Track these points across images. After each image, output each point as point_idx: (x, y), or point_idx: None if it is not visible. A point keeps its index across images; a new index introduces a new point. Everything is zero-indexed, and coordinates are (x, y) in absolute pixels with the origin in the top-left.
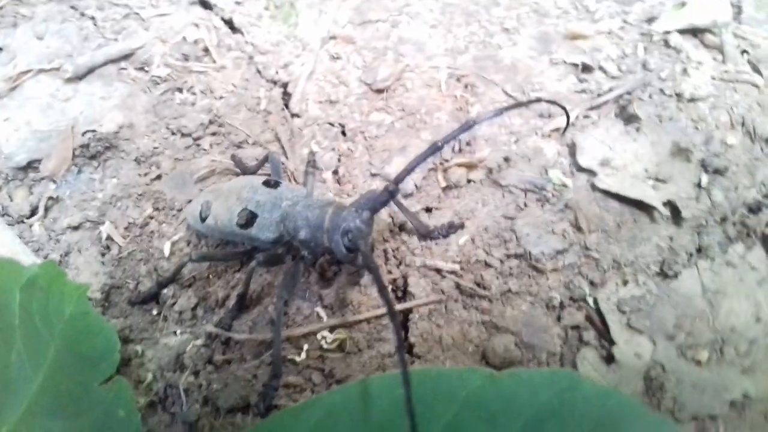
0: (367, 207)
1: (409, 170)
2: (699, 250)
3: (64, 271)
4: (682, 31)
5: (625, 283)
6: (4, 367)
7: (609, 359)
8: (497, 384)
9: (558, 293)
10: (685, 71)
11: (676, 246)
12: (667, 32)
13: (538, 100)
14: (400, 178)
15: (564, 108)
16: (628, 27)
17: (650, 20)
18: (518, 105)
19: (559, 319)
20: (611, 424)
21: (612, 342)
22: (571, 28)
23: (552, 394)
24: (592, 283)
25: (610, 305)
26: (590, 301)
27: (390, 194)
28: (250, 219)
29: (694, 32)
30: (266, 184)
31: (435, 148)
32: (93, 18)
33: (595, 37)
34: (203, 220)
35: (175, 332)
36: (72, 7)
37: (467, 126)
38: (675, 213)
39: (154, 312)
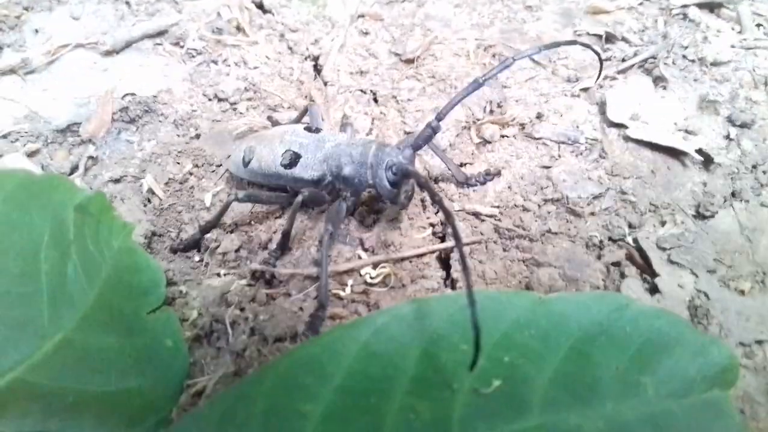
0: (409, 144)
1: (450, 106)
2: (733, 194)
3: (112, 205)
4: (699, 5)
5: (663, 223)
6: (61, 276)
7: (653, 290)
8: (546, 305)
9: (598, 233)
10: (705, 39)
11: (710, 190)
12: (685, 6)
13: (574, 42)
14: (441, 115)
15: (597, 53)
16: (647, 3)
17: None
18: (555, 45)
19: (599, 257)
20: (660, 342)
21: (654, 274)
22: (593, 3)
23: (601, 314)
24: (630, 225)
25: (650, 243)
26: (629, 240)
27: (432, 130)
28: (294, 159)
29: (711, 7)
30: (308, 129)
31: (476, 85)
32: (127, 2)
33: (616, 12)
34: (246, 164)
35: (218, 274)
36: None
37: (507, 63)
38: (707, 161)
39: (197, 258)
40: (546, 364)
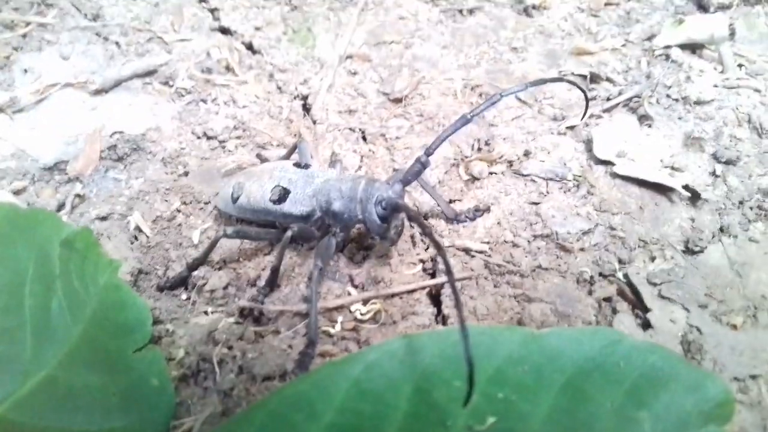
0: (399, 179)
1: (439, 141)
2: (721, 230)
3: (98, 241)
4: (681, 46)
5: (653, 259)
6: (46, 311)
7: (645, 325)
8: (538, 340)
9: (588, 268)
10: (688, 78)
11: (698, 225)
12: (668, 47)
13: (560, 79)
14: (430, 150)
15: (583, 90)
16: (630, 44)
17: (650, 38)
18: (542, 82)
19: (590, 292)
20: (654, 377)
21: (646, 309)
22: (577, 44)
23: (594, 349)
24: (620, 261)
25: (640, 279)
26: (620, 275)
27: (421, 165)
28: (283, 195)
29: (693, 48)
30: (297, 165)
31: (464, 120)
32: (117, 43)
33: (600, 53)
34: (235, 201)
35: (206, 312)
36: (96, 34)
37: (494, 99)
38: (694, 197)
39: (184, 297)
40: (540, 400)
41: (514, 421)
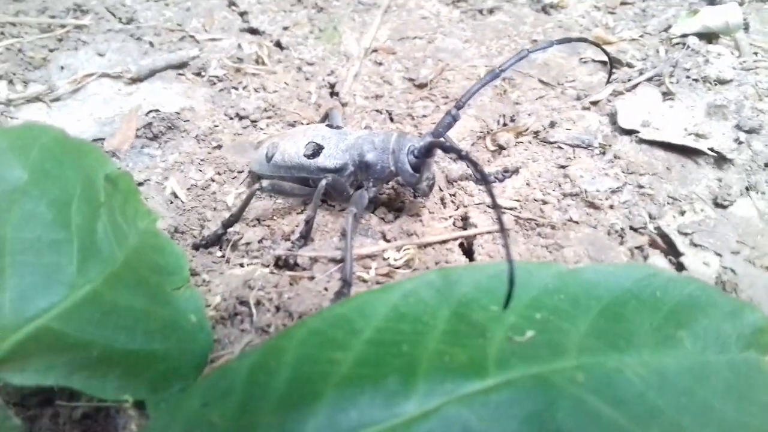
0: (430, 132)
1: (469, 94)
2: (747, 189)
3: (138, 189)
4: (697, 35)
5: (683, 213)
6: (91, 232)
7: (679, 268)
8: (574, 273)
9: (619, 221)
10: (707, 61)
11: (725, 184)
12: (684, 35)
13: (585, 39)
14: (461, 103)
15: (606, 52)
16: (648, 36)
17: (667, 29)
18: (567, 40)
19: (622, 243)
20: (693, 304)
21: (679, 254)
22: (596, 34)
23: (631, 280)
24: (650, 215)
25: (671, 230)
26: (651, 228)
27: (452, 118)
28: (317, 150)
29: (709, 37)
30: (329, 126)
31: (494, 74)
32: (150, 42)
33: (619, 43)
34: (269, 160)
35: (241, 264)
36: (131, 35)
37: (522, 54)
38: (720, 159)
39: (219, 254)
40: (578, 321)
41: (553, 334)
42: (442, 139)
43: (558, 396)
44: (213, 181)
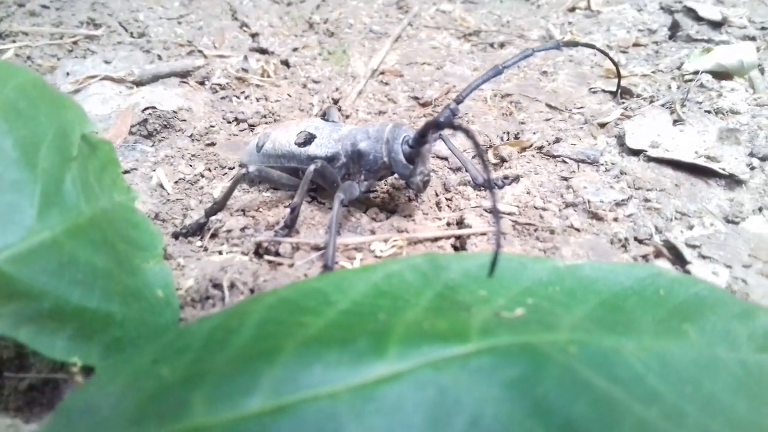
0: (427, 122)
1: (470, 89)
2: (761, 209)
3: (119, 162)
4: (711, 72)
5: (691, 227)
6: (58, 181)
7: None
8: (571, 269)
9: (623, 230)
10: (720, 95)
11: (737, 203)
12: (697, 72)
13: (593, 46)
14: (461, 98)
15: (614, 61)
16: (660, 72)
17: (679, 67)
18: (574, 44)
19: (625, 251)
20: (700, 303)
21: (686, 263)
22: (607, 67)
23: (633, 279)
24: (656, 228)
25: (679, 242)
26: (657, 239)
27: (451, 112)
28: (308, 138)
29: (722, 75)
30: (324, 120)
31: (496, 71)
32: (159, 55)
33: (630, 78)
34: (260, 149)
35: (220, 252)
36: (140, 48)
37: (527, 53)
38: (731, 181)
39: (198, 244)
40: (574, 309)
41: (545, 315)
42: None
43: (546, 363)
44: (202, 176)
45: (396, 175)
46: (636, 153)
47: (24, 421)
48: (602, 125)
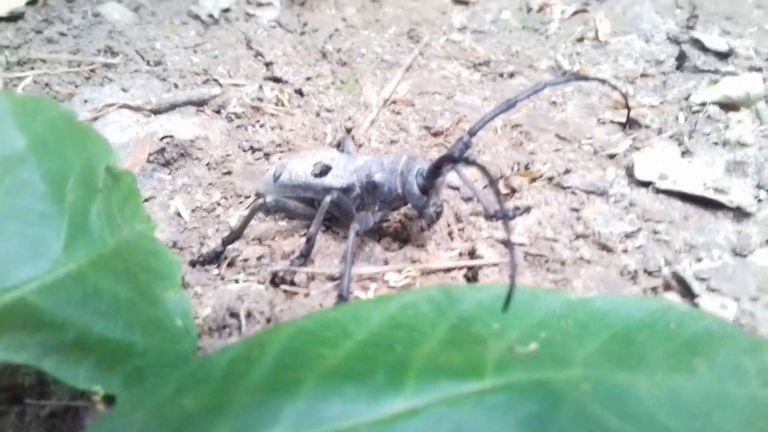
0: (442, 156)
1: (483, 123)
2: None
3: (140, 192)
4: (718, 104)
5: (700, 260)
6: (84, 213)
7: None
8: (585, 302)
9: (633, 262)
10: (727, 127)
11: (745, 235)
12: (704, 104)
13: (603, 81)
14: (473, 131)
15: (623, 93)
16: (667, 103)
17: (687, 98)
18: (584, 78)
19: (635, 283)
20: (709, 338)
21: (695, 296)
22: (615, 98)
23: (644, 312)
24: (666, 261)
25: (688, 275)
26: (666, 272)
27: (464, 145)
28: (324, 170)
29: (729, 106)
30: (340, 151)
31: (509, 105)
32: (175, 84)
33: (638, 108)
34: (276, 179)
35: (236, 280)
36: (157, 76)
37: (539, 87)
38: (739, 214)
39: (215, 272)
40: (586, 342)
41: (558, 349)
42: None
43: (560, 401)
44: (219, 204)
45: (410, 206)
46: (645, 185)
47: None
48: (611, 156)
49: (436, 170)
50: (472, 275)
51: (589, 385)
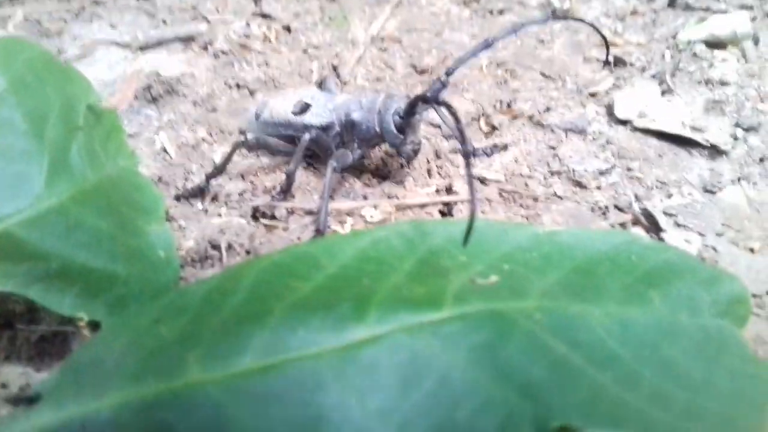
0: (415, 96)
1: (459, 62)
2: (740, 179)
3: (124, 129)
4: (705, 42)
5: (670, 196)
6: (65, 150)
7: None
8: (550, 235)
9: (604, 199)
10: (711, 65)
11: (716, 173)
12: (690, 42)
13: (582, 20)
14: (450, 70)
15: (602, 35)
16: (655, 41)
17: (674, 36)
18: (564, 17)
19: (605, 218)
20: (669, 270)
21: (660, 230)
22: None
23: (608, 246)
24: (636, 197)
25: (657, 210)
26: (636, 207)
27: (441, 84)
28: (304, 107)
29: (716, 44)
30: (320, 89)
31: (486, 44)
32: (164, 20)
33: (625, 46)
34: (258, 117)
35: (219, 214)
36: (145, 12)
37: (517, 27)
38: (714, 152)
39: (199, 206)
40: (547, 274)
41: (518, 280)
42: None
43: (511, 329)
44: (204, 141)
45: (388, 143)
46: (623, 123)
47: (35, 370)
48: (592, 95)
49: (411, 109)
50: (447, 210)
51: (542, 315)
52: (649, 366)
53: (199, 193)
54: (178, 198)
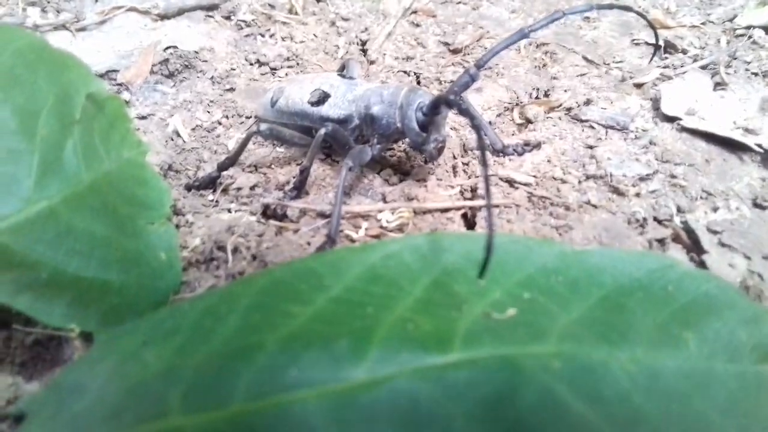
0: (438, 96)
1: (491, 54)
2: None
3: (130, 117)
4: (764, 28)
5: (716, 209)
6: (58, 148)
7: (700, 267)
8: (579, 255)
9: (642, 210)
10: None
11: None
12: (750, 27)
13: (630, 8)
14: (481, 62)
15: (653, 26)
16: (710, 24)
17: (732, 19)
18: (609, 6)
19: (642, 233)
20: (708, 305)
21: (702, 251)
22: (654, 17)
23: (641, 270)
24: (679, 209)
25: (700, 225)
26: (677, 221)
27: (470, 77)
28: (322, 97)
29: None
30: (341, 76)
31: (521, 34)
32: None
33: (677, 29)
34: (273, 104)
35: (229, 209)
36: None
37: (557, 16)
38: (767, 158)
39: (210, 198)
40: (571, 307)
41: (537, 316)
42: (451, 96)
43: (524, 382)
44: (219, 123)
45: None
46: (670, 120)
47: (26, 379)
48: (638, 86)
49: (434, 109)
50: (471, 216)
51: (561, 364)
52: (678, 424)
53: (211, 183)
54: (188, 188)
